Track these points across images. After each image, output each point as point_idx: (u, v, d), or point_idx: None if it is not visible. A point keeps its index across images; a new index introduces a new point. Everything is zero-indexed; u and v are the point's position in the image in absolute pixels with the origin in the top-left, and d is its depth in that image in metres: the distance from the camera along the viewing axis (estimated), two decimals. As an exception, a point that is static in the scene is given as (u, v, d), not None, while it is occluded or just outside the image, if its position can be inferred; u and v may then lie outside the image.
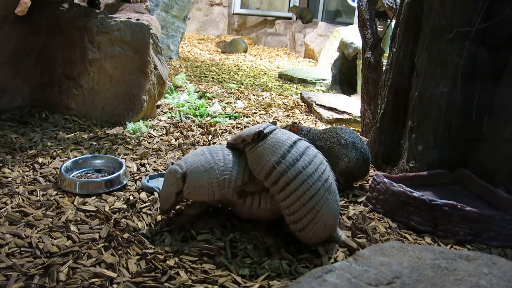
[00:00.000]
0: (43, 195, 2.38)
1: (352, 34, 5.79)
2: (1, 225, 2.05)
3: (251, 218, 2.18)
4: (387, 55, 3.08)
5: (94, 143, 3.13)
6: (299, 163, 1.95)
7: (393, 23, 3.39)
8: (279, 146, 1.99)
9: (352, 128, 3.81)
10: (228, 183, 2.07)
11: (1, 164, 2.64)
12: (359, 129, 3.81)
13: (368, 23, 3.60)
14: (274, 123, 2.22)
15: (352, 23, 7.19)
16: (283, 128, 2.87)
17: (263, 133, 2.03)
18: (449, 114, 2.57)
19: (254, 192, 2.09)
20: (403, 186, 2.36)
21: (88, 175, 2.66)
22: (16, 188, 2.38)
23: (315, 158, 2.01)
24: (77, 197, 2.37)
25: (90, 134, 3.29)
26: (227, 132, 3.64)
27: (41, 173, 2.60)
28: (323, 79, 6.05)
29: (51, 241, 1.94)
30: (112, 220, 2.16)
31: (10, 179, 2.48)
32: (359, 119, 3.92)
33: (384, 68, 3.23)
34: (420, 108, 2.67)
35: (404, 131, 2.83)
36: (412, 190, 2.32)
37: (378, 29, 4.03)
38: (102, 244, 1.95)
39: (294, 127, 2.81)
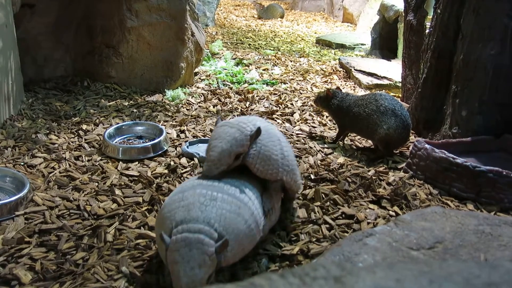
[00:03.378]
0: (88, 160, 2.46)
1: (393, -4, 5.59)
2: (50, 188, 2.15)
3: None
4: (431, 17, 2.96)
5: (135, 110, 3.19)
6: (283, 138, 1.91)
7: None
8: (272, 135, 1.81)
9: (392, 94, 3.72)
10: (259, 212, 1.66)
11: (48, 131, 2.74)
12: (400, 95, 3.72)
13: (410, -16, 3.46)
14: (219, 119, 1.86)
15: (393, -15, 6.92)
16: (322, 94, 2.85)
17: (260, 129, 1.72)
18: (496, 78, 2.46)
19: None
20: (445, 152, 2.30)
21: (130, 141, 2.73)
22: (63, 154, 2.48)
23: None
24: (120, 162, 2.44)
25: (131, 102, 3.35)
26: (265, 99, 3.63)
27: (85, 139, 2.69)
28: (362, 44, 5.91)
29: (97, 204, 2.02)
30: (154, 185, 2.22)
31: (57, 145, 2.59)
32: (399, 85, 3.82)
33: (427, 31, 3.12)
34: (465, 72, 2.57)
35: (447, 96, 2.75)
36: (454, 156, 2.26)
37: (421, -10, 3.86)
38: (146, 207, 2.02)
39: (329, 92, 2.77)
